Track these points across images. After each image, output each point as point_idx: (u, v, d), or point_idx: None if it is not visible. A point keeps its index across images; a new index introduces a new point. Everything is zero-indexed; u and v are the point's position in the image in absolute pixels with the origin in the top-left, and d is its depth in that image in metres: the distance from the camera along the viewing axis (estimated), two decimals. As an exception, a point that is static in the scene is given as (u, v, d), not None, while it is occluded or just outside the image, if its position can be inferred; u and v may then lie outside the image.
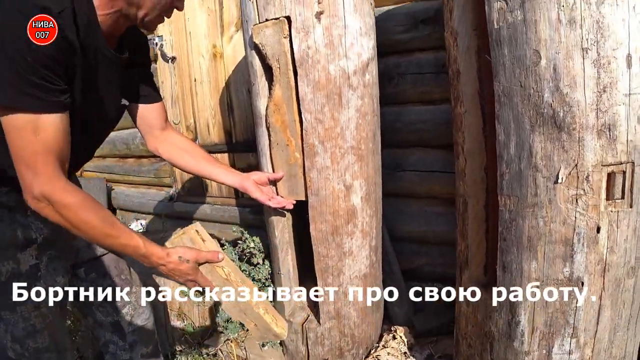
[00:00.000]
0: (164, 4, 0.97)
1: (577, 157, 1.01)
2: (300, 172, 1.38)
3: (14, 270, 0.98)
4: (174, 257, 1.00)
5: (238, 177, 1.35)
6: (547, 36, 0.98)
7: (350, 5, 1.27)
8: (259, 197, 1.35)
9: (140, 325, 1.28)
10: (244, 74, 2.17)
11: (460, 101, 1.28)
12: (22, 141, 0.82)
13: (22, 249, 0.99)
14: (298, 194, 1.41)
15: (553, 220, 1.08)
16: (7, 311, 0.98)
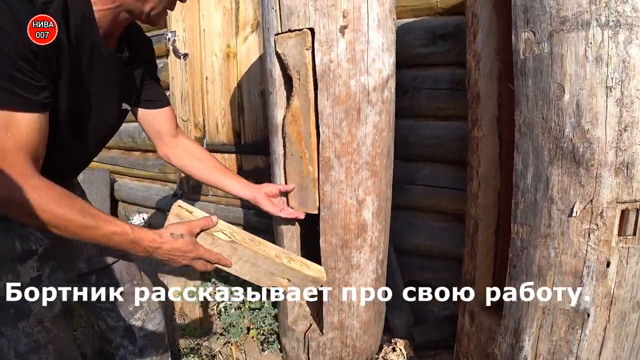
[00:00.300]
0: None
1: (593, 192, 1.02)
2: (312, 185, 1.38)
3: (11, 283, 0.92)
4: (166, 237, 0.93)
5: (250, 190, 1.34)
6: (573, 71, 0.98)
7: (375, 21, 1.27)
8: (270, 210, 1.35)
9: (151, 330, 1.28)
10: (257, 76, 2.17)
11: (478, 125, 1.29)
12: None
13: (22, 261, 0.93)
14: (308, 206, 1.41)
15: (564, 252, 1.09)
16: (9, 327, 0.93)
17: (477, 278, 1.41)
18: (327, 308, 1.50)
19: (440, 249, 1.92)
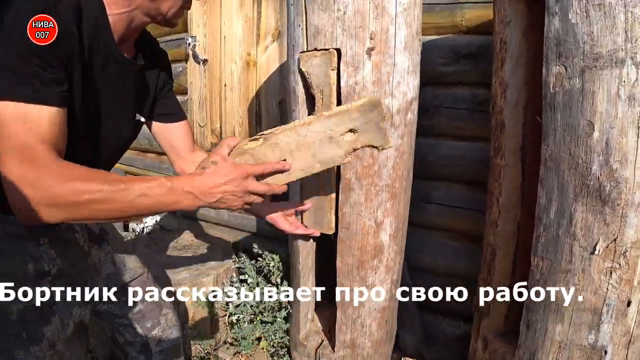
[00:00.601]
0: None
1: (617, 232, 1.01)
2: (328, 206, 1.38)
3: (26, 307, 0.88)
4: (199, 172, 0.85)
5: (267, 208, 1.34)
6: (604, 109, 0.97)
7: (402, 43, 1.27)
8: (286, 229, 1.34)
9: (168, 346, 1.28)
10: (276, 86, 2.17)
11: (501, 153, 1.28)
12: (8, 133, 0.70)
13: (36, 283, 0.90)
14: (322, 226, 1.41)
15: (584, 288, 1.08)
16: (22, 351, 0.88)
17: (493, 305, 1.40)
18: (340, 326, 1.50)
19: (454, 269, 1.91)
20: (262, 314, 1.73)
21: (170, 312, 1.31)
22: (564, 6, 1.00)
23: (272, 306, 1.74)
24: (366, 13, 1.22)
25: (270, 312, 1.72)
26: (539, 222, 1.12)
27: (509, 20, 1.22)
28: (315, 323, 1.70)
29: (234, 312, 1.74)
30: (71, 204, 0.72)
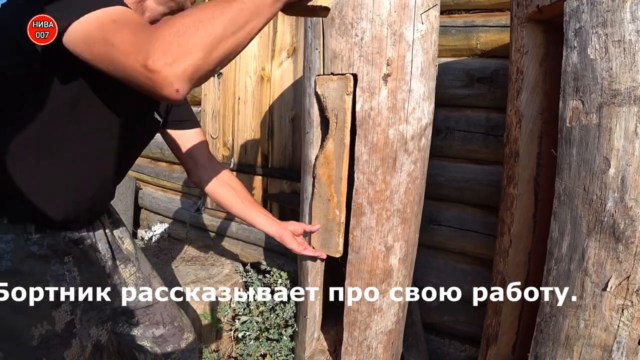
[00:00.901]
0: None
1: (630, 269, 1.00)
2: (336, 229, 1.38)
3: (48, 332, 0.86)
4: None
5: (277, 227, 1.36)
6: (620, 146, 0.97)
7: (418, 69, 1.27)
8: (294, 248, 1.36)
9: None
10: (289, 102, 2.19)
11: (514, 182, 1.28)
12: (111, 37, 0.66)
13: (57, 306, 0.88)
14: (330, 248, 1.41)
15: (595, 325, 1.07)
16: None
17: (500, 333, 1.39)
18: (346, 348, 1.49)
19: (461, 291, 1.89)
20: (268, 331, 1.73)
21: (191, 335, 1.29)
22: (583, 41, 1.00)
23: (278, 323, 1.73)
24: (384, 39, 1.22)
25: (276, 330, 1.72)
26: (551, 256, 1.11)
27: (526, 50, 1.23)
28: (320, 342, 1.69)
29: (240, 328, 1.74)
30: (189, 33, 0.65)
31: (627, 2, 0.94)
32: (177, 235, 2.77)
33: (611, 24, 0.96)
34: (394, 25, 1.22)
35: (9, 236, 0.83)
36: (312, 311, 1.57)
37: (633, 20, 0.93)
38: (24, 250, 0.84)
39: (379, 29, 1.22)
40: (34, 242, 0.85)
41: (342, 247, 1.40)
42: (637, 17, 0.93)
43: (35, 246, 0.86)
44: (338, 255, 1.41)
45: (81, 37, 0.68)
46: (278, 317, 1.72)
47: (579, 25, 1.01)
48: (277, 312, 1.74)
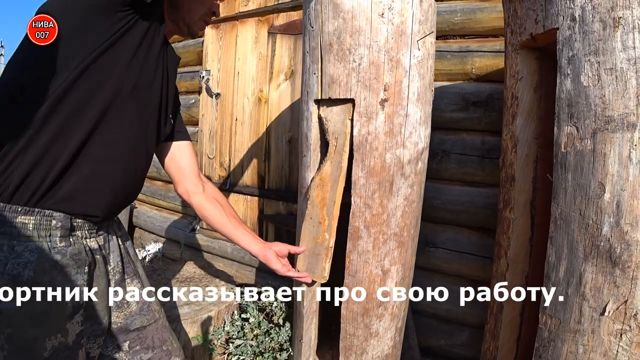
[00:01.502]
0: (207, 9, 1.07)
1: (628, 294, 1.00)
2: (324, 253, 1.37)
3: (60, 344, 0.87)
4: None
5: (261, 246, 1.33)
6: (615, 171, 0.98)
7: (414, 94, 1.29)
8: (278, 269, 1.34)
9: None
10: (287, 124, 2.21)
11: (510, 206, 1.28)
12: None
13: (71, 317, 0.89)
14: (315, 273, 1.39)
15: (594, 349, 1.06)
16: None
17: (499, 358, 1.37)
18: (342, 373, 1.47)
19: (457, 314, 1.88)
20: (263, 355, 1.69)
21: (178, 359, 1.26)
22: (576, 68, 1.03)
23: (273, 347, 1.70)
24: (381, 65, 1.25)
25: (270, 354, 1.69)
26: (548, 280, 1.11)
27: (520, 76, 1.25)
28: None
29: (234, 352, 1.70)
30: None
31: (617, 32, 0.96)
32: (172, 256, 2.74)
33: (603, 52, 0.98)
34: (391, 51, 1.24)
35: (33, 245, 0.83)
36: (308, 335, 1.55)
37: (624, 49, 0.96)
38: (48, 260, 0.84)
39: (376, 55, 1.24)
40: (58, 251, 0.86)
41: (328, 272, 1.38)
42: (627, 46, 0.95)
43: (59, 255, 0.86)
44: (323, 281, 1.38)
45: None
46: (273, 340, 1.70)
47: (572, 53, 1.04)
48: (271, 336, 1.71)
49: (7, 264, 0.80)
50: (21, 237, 0.82)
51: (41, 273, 0.83)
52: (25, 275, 0.82)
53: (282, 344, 1.70)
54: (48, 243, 0.85)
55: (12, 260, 0.81)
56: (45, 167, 0.84)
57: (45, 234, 0.85)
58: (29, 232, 0.83)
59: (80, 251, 0.91)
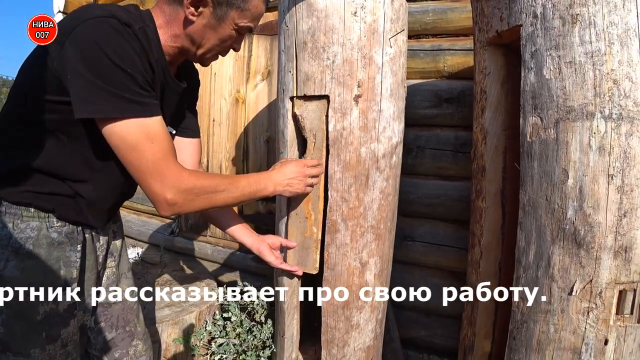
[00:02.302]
0: (224, 46, 1.06)
1: (592, 273, 1.05)
2: (313, 246, 1.40)
3: (52, 310, 0.97)
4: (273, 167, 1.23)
5: (255, 239, 1.37)
6: (577, 158, 1.03)
7: (387, 90, 1.33)
8: (272, 261, 1.37)
9: None
10: (264, 124, 2.22)
11: (482, 196, 1.33)
12: (141, 153, 0.88)
13: (64, 288, 0.99)
14: (306, 266, 1.42)
15: (564, 328, 1.11)
16: (38, 349, 0.97)
17: (476, 344, 1.42)
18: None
19: (437, 305, 1.92)
20: (246, 353, 1.70)
21: (140, 343, 1.30)
22: (539, 62, 1.08)
23: (255, 345, 1.71)
24: (354, 62, 1.28)
25: (253, 351, 1.70)
26: (519, 264, 1.16)
27: (488, 71, 1.30)
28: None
29: (217, 351, 1.70)
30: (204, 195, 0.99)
31: (575, 28, 1.02)
32: (151, 260, 2.71)
33: (563, 47, 1.04)
34: (364, 49, 1.28)
35: (34, 223, 0.95)
36: (290, 331, 1.56)
37: (582, 43, 1.01)
38: (45, 237, 0.95)
39: (349, 52, 1.28)
40: (55, 229, 0.97)
41: (318, 263, 1.41)
42: (585, 41, 1.01)
43: (55, 233, 0.97)
44: (314, 272, 1.42)
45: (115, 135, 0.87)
46: (255, 338, 1.70)
47: (535, 48, 1.09)
48: (254, 334, 1.71)
49: (12, 238, 0.92)
50: (24, 217, 0.94)
51: (39, 247, 0.95)
52: (26, 248, 0.93)
53: (265, 342, 1.71)
54: (46, 223, 0.96)
55: (16, 235, 0.93)
56: None
57: (45, 215, 0.96)
58: (31, 214, 0.94)
59: (73, 230, 1.00)
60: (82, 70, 0.80)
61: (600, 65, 0.99)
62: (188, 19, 0.97)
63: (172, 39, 1.00)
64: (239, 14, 1.00)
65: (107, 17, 0.82)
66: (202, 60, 1.08)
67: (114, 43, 0.82)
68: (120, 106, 0.84)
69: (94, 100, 0.82)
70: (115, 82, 0.82)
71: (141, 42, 0.88)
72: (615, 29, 0.98)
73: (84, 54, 0.80)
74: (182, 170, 0.95)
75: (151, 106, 0.89)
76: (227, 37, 1.03)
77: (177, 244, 2.66)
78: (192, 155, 1.30)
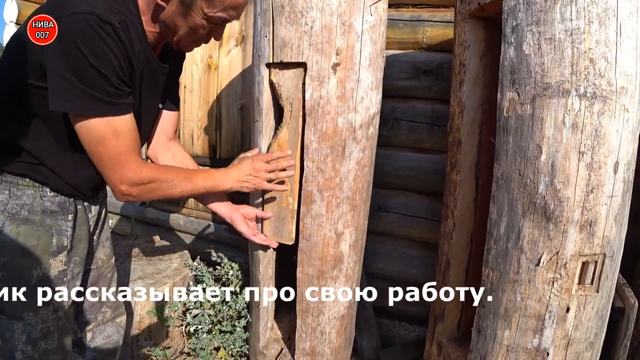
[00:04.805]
0: (198, 35, 1.05)
1: (559, 246, 1.09)
2: (289, 217, 1.40)
3: (44, 274, 1.04)
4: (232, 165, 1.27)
5: (228, 207, 1.36)
6: (551, 135, 1.05)
7: (366, 60, 1.30)
8: (244, 232, 1.35)
9: (101, 342, 1.31)
10: (238, 91, 2.16)
11: (457, 169, 1.35)
12: (106, 147, 0.95)
13: (54, 255, 1.05)
14: (282, 236, 1.42)
15: (530, 297, 1.16)
16: (31, 313, 1.04)
17: (447, 311, 1.47)
18: (300, 334, 1.51)
19: (409, 275, 1.98)
20: (221, 324, 1.71)
21: (109, 311, 1.34)
22: (519, 37, 1.08)
23: (231, 315, 1.72)
24: (333, 29, 1.24)
25: (229, 322, 1.71)
26: (490, 236, 1.19)
27: (468, 44, 1.29)
28: (274, 331, 1.71)
29: (192, 322, 1.70)
30: (153, 194, 1.07)
31: (557, 4, 1.02)
32: (121, 231, 2.65)
33: (544, 22, 1.03)
34: (344, 15, 1.24)
35: (30, 191, 1.01)
36: (265, 301, 1.58)
37: (562, 20, 1.01)
38: (40, 205, 1.02)
39: (328, 18, 1.24)
40: (48, 199, 1.03)
41: (294, 234, 1.41)
42: (565, 18, 1.01)
43: (49, 202, 1.03)
44: (291, 243, 1.42)
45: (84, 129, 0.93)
46: (230, 308, 1.71)
47: (516, 23, 1.08)
48: (229, 304, 1.72)
49: (8, 204, 0.99)
50: (20, 185, 1.00)
51: (33, 214, 1.01)
52: (22, 215, 1.00)
53: (240, 312, 1.72)
54: (40, 192, 1.02)
55: (12, 202, 0.99)
56: None
57: (39, 185, 1.02)
58: (26, 183, 1.01)
59: (66, 201, 1.06)
60: (60, 67, 0.85)
61: (579, 44, 1.00)
62: (159, 4, 0.97)
63: (150, 24, 1.01)
64: (207, 3, 0.97)
65: (88, 14, 0.84)
66: (181, 47, 1.08)
67: (92, 43, 0.85)
68: (91, 105, 0.89)
69: (68, 96, 0.87)
70: (90, 81, 0.87)
71: (120, 39, 0.90)
72: (595, 8, 0.98)
73: (63, 51, 0.84)
74: (141, 165, 1.02)
75: (121, 105, 0.94)
76: (198, 26, 1.01)
77: (148, 215, 2.60)
78: (169, 126, 1.33)
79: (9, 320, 1.03)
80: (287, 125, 1.34)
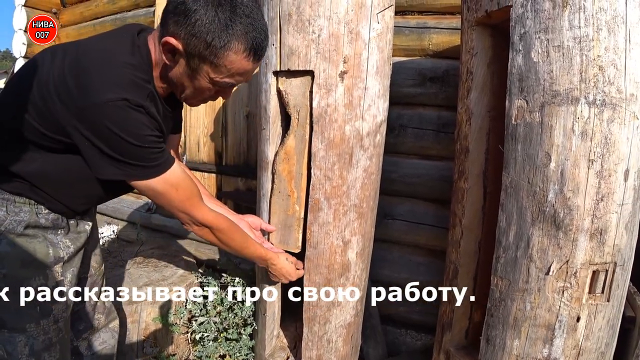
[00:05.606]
0: (205, 96, 1.07)
1: (569, 254, 1.08)
2: (296, 224, 1.39)
3: (42, 284, 1.06)
4: (281, 258, 1.36)
5: (234, 218, 1.35)
6: (560, 142, 1.05)
7: (374, 67, 1.30)
8: None
9: (97, 349, 1.34)
10: (244, 98, 2.16)
11: (465, 177, 1.34)
12: (170, 198, 1.05)
13: (52, 266, 1.08)
14: (289, 244, 1.42)
15: (539, 306, 1.15)
16: (33, 324, 1.05)
17: (454, 320, 1.46)
18: (306, 343, 1.50)
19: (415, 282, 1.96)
20: (227, 331, 1.70)
21: (102, 317, 1.37)
22: (527, 45, 1.07)
23: (237, 323, 1.71)
24: (340, 37, 1.24)
25: (235, 329, 1.70)
26: (499, 244, 1.18)
27: (475, 52, 1.29)
28: (280, 339, 1.70)
29: (198, 330, 1.70)
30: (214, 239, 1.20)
31: (565, 11, 1.01)
32: (127, 238, 2.65)
33: (552, 30, 1.03)
34: (351, 23, 1.24)
35: (26, 208, 1.05)
36: (271, 308, 1.57)
37: (571, 27, 1.01)
38: (34, 221, 1.05)
39: (336, 26, 1.24)
40: (43, 216, 1.07)
41: (301, 242, 1.41)
42: (574, 25, 1.00)
43: (43, 219, 1.07)
44: (297, 251, 1.42)
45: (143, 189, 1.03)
46: (236, 316, 1.70)
47: (524, 31, 1.08)
48: (235, 312, 1.71)
49: (6, 220, 1.02)
50: (17, 203, 1.04)
51: (29, 228, 1.05)
52: (18, 230, 1.03)
53: (246, 319, 1.72)
54: (36, 210, 1.06)
55: (10, 218, 1.03)
56: None
57: (34, 203, 1.06)
58: (23, 200, 1.04)
59: (58, 218, 1.10)
60: (105, 149, 0.92)
61: (588, 51, 0.99)
62: (167, 64, 0.99)
63: (159, 80, 1.04)
64: (213, 69, 0.97)
65: (119, 101, 0.89)
66: (187, 103, 1.12)
67: (129, 128, 0.91)
68: (141, 172, 0.98)
69: (117, 168, 0.95)
70: (134, 156, 0.95)
71: (151, 114, 0.95)
72: (604, 15, 0.98)
73: (101, 137, 0.91)
74: (208, 211, 1.15)
75: (167, 162, 1.02)
76: (204, 89, 1.02)
77: (154, 222, 2.61)
78: (174, 148, 1.36)
79: (10, 333, 1.03)
80: (294, 133, 1.34)
